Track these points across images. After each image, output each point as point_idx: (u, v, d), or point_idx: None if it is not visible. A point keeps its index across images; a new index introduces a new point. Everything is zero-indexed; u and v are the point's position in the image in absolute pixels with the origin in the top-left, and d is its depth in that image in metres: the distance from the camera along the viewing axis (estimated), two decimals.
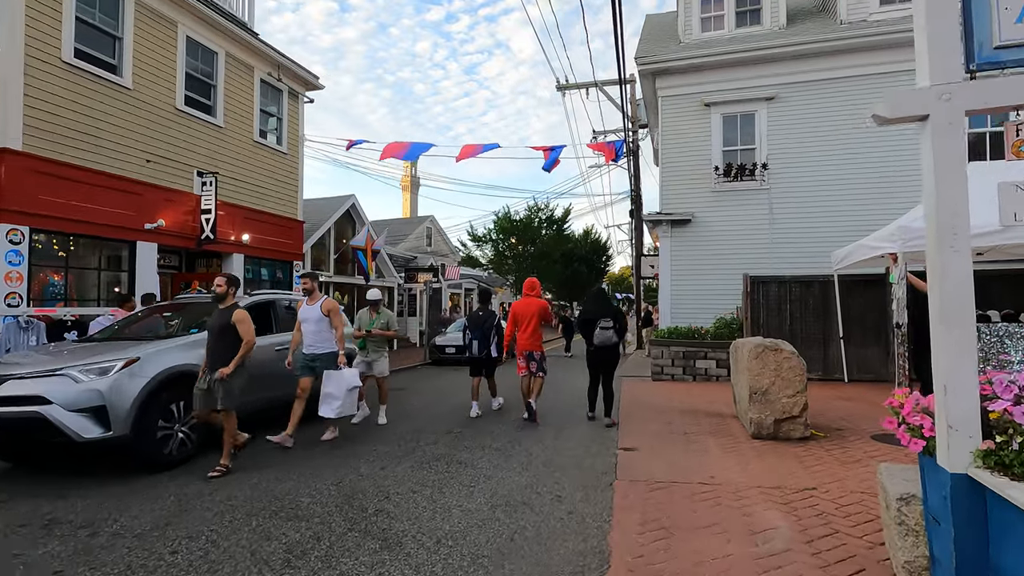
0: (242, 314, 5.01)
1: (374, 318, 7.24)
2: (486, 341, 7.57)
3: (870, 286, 10.03)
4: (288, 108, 12.90)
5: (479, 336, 7.58)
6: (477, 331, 7.61)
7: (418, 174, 66.21)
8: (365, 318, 7.29)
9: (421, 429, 6.69)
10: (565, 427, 6.68)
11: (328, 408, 5.82)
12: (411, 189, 69.63)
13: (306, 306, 6.09)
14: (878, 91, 11.42)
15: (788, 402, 5.49)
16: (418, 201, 68.89)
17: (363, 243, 17.08)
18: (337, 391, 5.80)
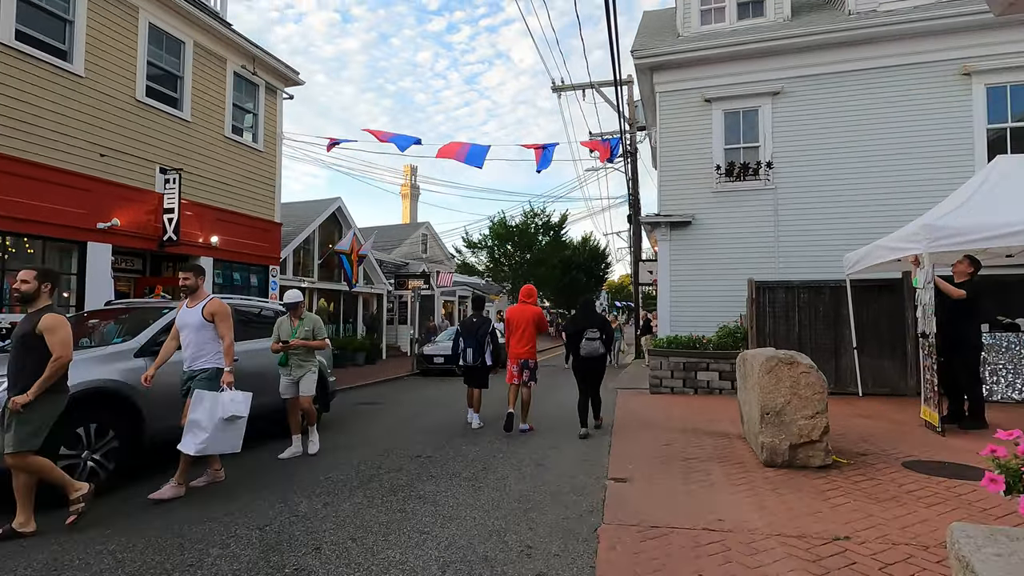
0: (54, 320, 3.67)
1: (296, 326, 6.02)
2: (481, 349, 7.25)
3: (885, 292, 9.27)
4: (265, 104, 12.21)
5: (473, 344, 7.26)
6: (471, 339, 7.29)
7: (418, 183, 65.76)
8: (285, 326, 6.05)
9: (388, 452, 5.90)
10: (551, 449, 5.89)
11: (190, 441, 4.30)
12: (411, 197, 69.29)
13: (185, 309, 4.77)
14: (890, 84, 10.74)
15: (806, 424, 4.70)
16: (418, 209, 68.47)
17: (348, 248, 16.35)
18: (207, 420, 4.32)
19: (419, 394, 11.15)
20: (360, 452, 5.89)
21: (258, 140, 12.03)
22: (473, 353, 7.27)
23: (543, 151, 12.28)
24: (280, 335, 6.02)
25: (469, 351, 7.27)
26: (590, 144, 12.73)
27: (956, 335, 6.26)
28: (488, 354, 7.30)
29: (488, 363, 7.35)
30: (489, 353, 7.31)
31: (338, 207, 17.57)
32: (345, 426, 7.48)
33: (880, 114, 10.79)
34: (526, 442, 6.29)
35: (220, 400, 4.41)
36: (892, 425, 6.69)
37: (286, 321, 6.09)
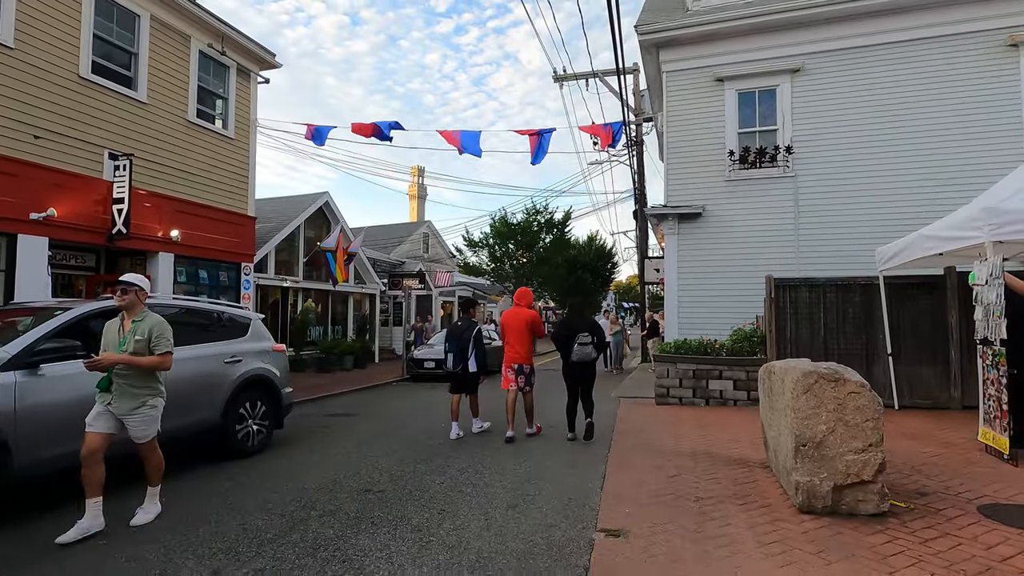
0: None
1: (124, 336, 3.88)
2: (463, 354, 6.80)
3: (925, 290, 8.13)
4: (237, 87, 11.24)
5: (455, 349, 6.84)
6: (454, 343, 6.87)
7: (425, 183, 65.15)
8: (112, 333, 3.96)
9: (334, 483, 4.86)
10: (531, 482, 4.82)
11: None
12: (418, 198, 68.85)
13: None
14: (925, 58, 9.59)
15: (855, 460, 3.61)
16: (425, 209, 67.99)
17: (334, 245, 15.37)
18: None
19: (403, 402, 10.13)
20: (300, 483, 4.86)
21: (228, 126, 11.07)
22: (454, 359, 6.84)
23: (539, 139, 11.22)
24: (106, 345, 3.91)
25: (451, 356, 6.87)
26: (590, 129, 11.67)
27: None
28: (472, 360, 6.77)
29: (471, 369, 6.82)
30: (473, 359, 6.78)
31: (325, 202, 16.59)
32: (299, 445, 6.46)
33: (913, 92, 9.63)
34: (504, 470, 5.23)
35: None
36: (945, 449, 5.58)
37: (114, 325, 4.00)
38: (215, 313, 6.00)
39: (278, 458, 5.81)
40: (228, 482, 4.92)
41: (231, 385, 5.74)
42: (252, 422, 6.02)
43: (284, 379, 6.60)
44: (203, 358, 5.46)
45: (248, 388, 6.01)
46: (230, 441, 5.71)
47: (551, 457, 5.72)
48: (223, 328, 5.97)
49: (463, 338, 6.85)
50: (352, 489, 4.67)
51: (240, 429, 5.86)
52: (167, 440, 4.96)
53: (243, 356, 5.99)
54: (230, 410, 5.71)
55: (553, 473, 5.08)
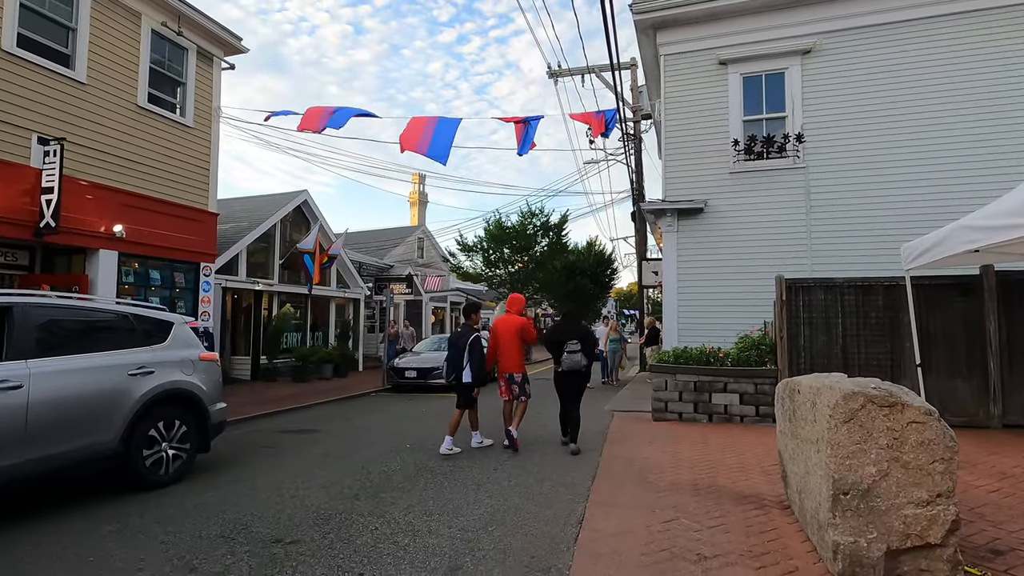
0: None
1: None
2: (457, 363, 6.29)
3: (958, 292, 7.15)
4: (196, 72, 10.33)
5: (450, 357, 6.41)
6: (451, 351, 6.43)
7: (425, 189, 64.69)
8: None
9: (243, 527, 3.87)
10: (487, 525, 3.82)
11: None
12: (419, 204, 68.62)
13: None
14: (953, 35, 8.66)
15: (918, 515, 2.62)
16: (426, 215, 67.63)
17: (311, 246, 14.42)
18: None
19: (375, 416, 9.13)
20: (202, 528, 3.87)
21: (187, 114, 10.14)
22: (447, 368, 6.54)
23: (525, 127, 10.29)
24: None
25: (445, 365, 6.64)
26: (581, 117, 10.73)
27: None
28: (467, 370, 6.24)
29: (464, 380, 6.25)
30: (468, 369, 6.24)
31: (304, 200, 15.65)
32: (229, 472, 5.47)
33: (940, 73, 8.69)
34: (459, 510, 4.23)
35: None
36: (1001, 482, 4.57)
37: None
38: (119, 315, 5.02)
39: (193, 490, 4.81)
40: (111, 526, 3.92)
41: (137, 402, 4.75)
42: (167, 446, 5.03)
43: (213, 394, 5.61)
44: (94, 370, 4.48)
45: (162, 405, 5.03)
46: (134, 470, 4.72)
47: (522, 490, 4.72)
48: (130, 334, 5.00)
49: (458, 346, 6.36)
50: (260, 538, 3.67)
51: (149, 455, 4.87)
52: (41, 472, 4.01)
53: (156, 367, 5.01)
54: (135, 432, 4.73)
55: (519, 515, 4.08)
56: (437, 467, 5.59)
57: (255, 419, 8.86)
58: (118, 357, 4.74)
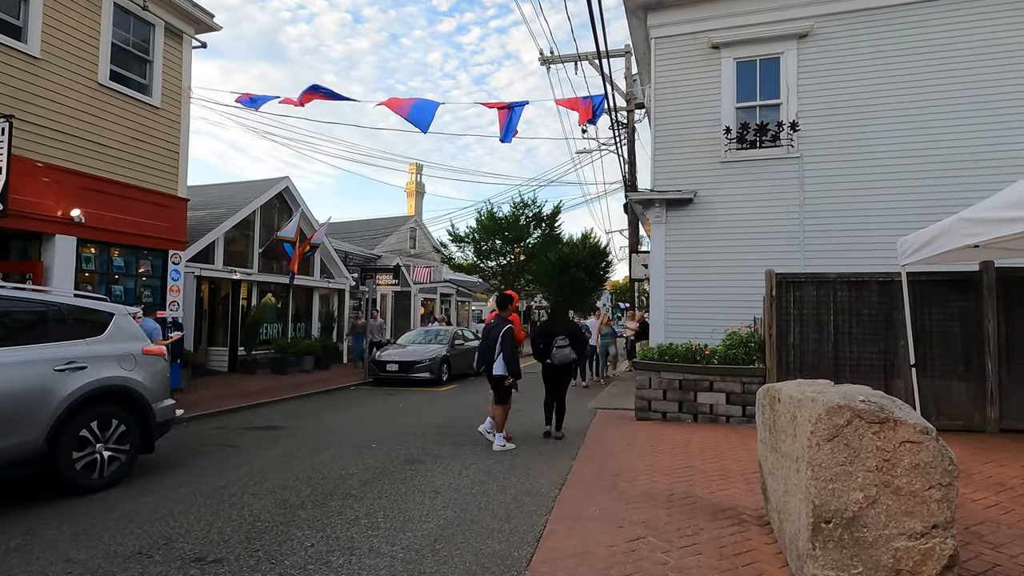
0: None
1: None
2: (489, 355, 6.32)
3: (956, 289, 6.81)
4: (164, 50, 9.83)
5: (482, 348, 6.56)
6: (483, 343, 6.61)
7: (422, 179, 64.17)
8: None
9: (161, 545, 3.49)
10: (437, 542, 3.45)
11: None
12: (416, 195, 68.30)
13: None
14: (955, 20, 8.26)
15: (910, 549, 2.26)
16: (423, 206, 67.29)
17: (293, 234, 13.97)
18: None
19: (348, 412, 8.76)
20: (119, 542, 3.49)
21: (153, 93, 9.65)
22: (479, 359, 6.62)
23: (509, 113, 9.85)
24: None
25: (477, 356, 6.74)
26: (568, 103, 10.28)
27: None
28: (499, 362, 6.19)
29: (495, 373, 6.21)
30: (500, 360, 6.19)
31: (285, 187, 15.19)
32: (175, 474, 5.09)
33: (941, 60, 8.28)
34: (409, 523, 3.86)
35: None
36: (999, 495, 4.23)
37: None
38: (45, 306, 4.61)
39: (128, 496, 4.43)
40: (20, 539, 3.54)
41: (65, 400, 4.36)
42: (102, 447, 4.65)
43: (158, 390, 5.22)
44: (9, 365, 4.08)
45: (96, 403, 4.64)
46: (62, 473, 4.34)
47: (482, 500, 4.35)
48: (60, 326, 4.59)
49: (490, 337, 6.39)
50: (180, 556, 3.30)
51: (81, 457, 4.48)
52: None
53: (89, 361, 4.61)
54: (62, 433, 4.34)
55: (473, 530, 3.71)
56: (398, 471, 5.23)
57: (222, 414, 8.49)
58: (42, 351, 4.34)
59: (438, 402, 9.95)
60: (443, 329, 15.70)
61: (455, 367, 13.47)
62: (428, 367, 12.45)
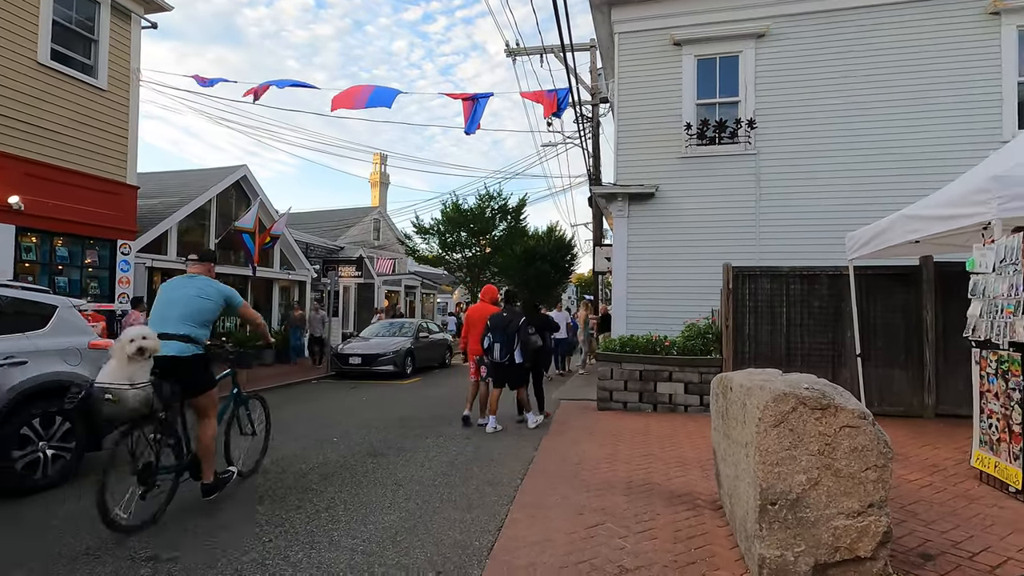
0: None
1: None
2: (510, 345, 6.75)
3: (899, 282, 7.17)
4: (111, 29, 9.37)
5: (502, 340, 6.80)
6: (500, 334, 6.82)
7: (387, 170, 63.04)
8: None
9: (117, 539, 3.38)
10: (398, 534, 3.45)
11: None
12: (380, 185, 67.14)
13: None
14: (903, 24, 8.63)
15: (848, 527, 2.40)
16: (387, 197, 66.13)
17: (251, 225, 13.56)
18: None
19: (308, 407, 8.61)
20: (67, 540, 3.37)
21: (99, 75, 9.19)
22: (501, 350, 6.78)
23: (474, 104, 9.80)
24: None
25: (497, 347, 6.81)
26: (533, 96, 10.31)
27: None
28: (518, 351, 6.74)
29: (517, 361, 6.77)
30: (519, 350, 6.75)
31: (243, 176, 14.73)
32: None
33: (888, 62, 8.66)
34: (371, 516, 3.85)
35: None
36: (933, 476, 4.51)
37: None
38: None
39: (74, 495, 4.25)
40: None
41: (2, 397, 4.15)
42: (45, 445, 4.45)
43: None
44: None
45: (38, 400, 4.43)
46: (1, 473, 4.14)
47: (445, 491, 4.37)
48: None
49: (510, 329, 6.80)
50: (132, 555, 3.20)
51: (22, 456, 4.28)
52: None
53: (29, 356, 4.40)
54: (1, 431, 4.13)
55: (435, 521, 3.73)
56: (360, 464, 5.19)
57: None
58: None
59: (401, 395, 9.89)
60: (407, 321, 15.58)
61: (419, 360, 13.40)
62: (391, 360, 12.34)
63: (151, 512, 3.58)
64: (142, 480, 3.57)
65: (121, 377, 3.39)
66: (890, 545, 2.45)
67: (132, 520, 3.47)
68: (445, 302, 36.43)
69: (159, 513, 3.63)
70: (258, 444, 4.91)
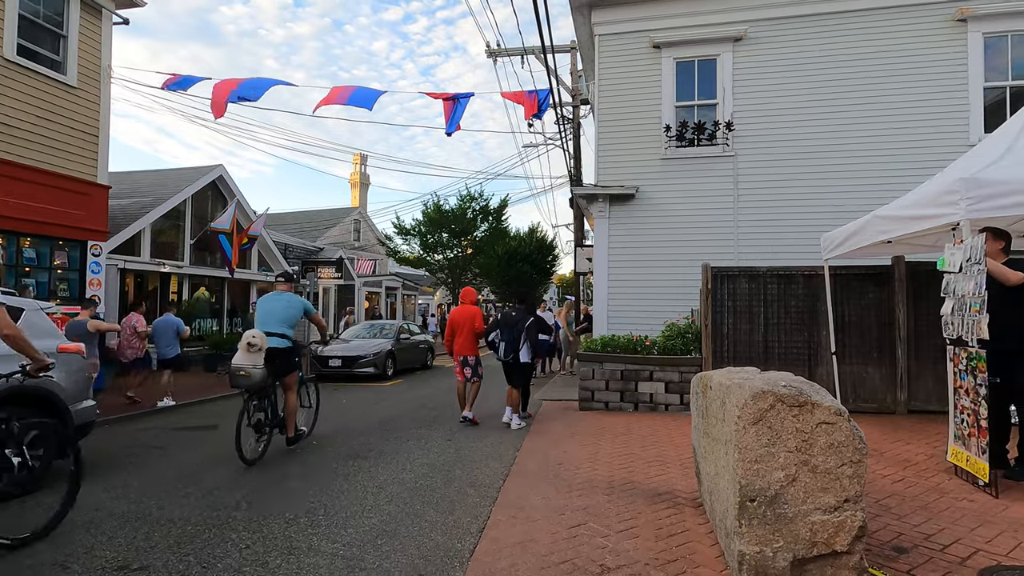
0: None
1: None
2: (515, 344, 6.89)
3: (872, 282, 7.33)
4: (81, 24, 9.12)
5: (508, 339, 6.96)
6: (507, 332, 6.98)
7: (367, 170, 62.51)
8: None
9: (87, 549, 3.28)
10: (379, 537, 3.41)
11: None
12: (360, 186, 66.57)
13: None
14: (874, 30, 8.82)
15: (825, 522, 2.44)
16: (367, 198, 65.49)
17: (228, 226, 13.33)
18: None
19: None
20: (34, 551, 3.26)
21: (69, 72, 8.94)
22: (506, 348, 6.92)
23: (454, 104, 9.76)
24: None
25: (502, 345, 6.96)
26: (513, 96, 10.31)
27: (1014, 341, 4.19)
28: (525, 349, 6.87)
29: (523, 359, 6.90)
30: (526, 348, 6.88)
31: (219, 175, 14.46)
32: (104, 476, 4.77)
33: (861, 67, 8.84)
34: (351, 519, 3.80)
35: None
36: (906, 471, 4.61)
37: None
38: None
39: (42, 504, 4.12)
40: None
41: None
42: (11, 453, 4.29)
43: (77, 390, 4.89)
44: None
45: (3, 406, 4.28)
46: None
47: (426, 493, 4.34)
48: None
49: (517, 328, 6.94)
50: (102, 564, 3.10)
51: None
52: None
53: None
54: None
55: (417, 524, 3.70)
56: (340, 467, 5.13)
57: (150, 415, 8.03)
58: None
59: (383, 397, 9.80)
60: (388, 323, 15.45)
61: (401, 361, 13.30)
62: (372, 362, 12.24)
63: (260, 452, 5.27)
64: (257, 430, 5.32)
65: (248, 361, 5.07)
66: (865, 539, 2.49)
67: (251, 455, 5.08)
68: (427, 303, 36.25)
69: (263, 453, 5.31)
70: (311, 414, 6.37)
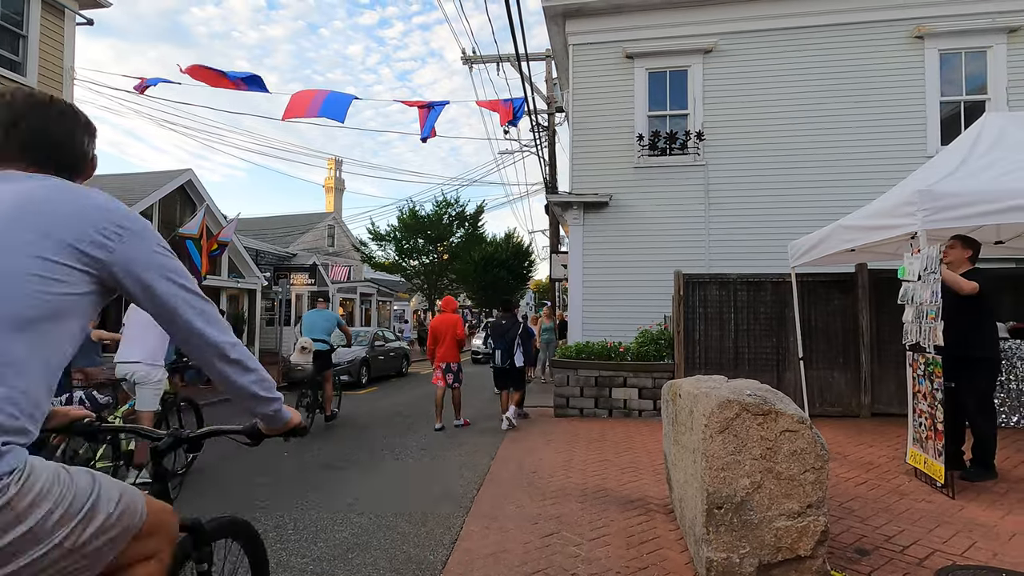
0: None
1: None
2: (510, 351, 7.31)
3: (837, 289, 7.55)
4: (43, 25, 8.85)
5: (502, 346, 7.35)
6: (500, 341, 7.39)
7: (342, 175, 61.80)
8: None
9: None
10: (351, 549, 3.37)
11: None
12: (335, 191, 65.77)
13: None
14: (838, 44, 9.12)
15: (789, 528, 2.49)
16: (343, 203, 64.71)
17: (196, 232, 13.03)
18: None
19: (243, 422, 8.28)
20: None
21: (28, 72, 8.65)
22: (502, 355, 7.32)
23: (428, 111, 9.76)
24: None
25: (498, 353, 7.34)
26: (489, 104, 10.37)
27: (968, 347, 4.36)
28: (518, 355, 7.31)
29: (518, 364, 7.37)
30: (520, 354, 7.33)
31: (188, 180, 14.15)
32: None
33: (826, 79, 9.14)
34: (323, 532, 3.75)
35: None
36: (868, 473, 4.75)
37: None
38: None
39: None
40: None
41: None
42: None
43: None
44: None
45: None
46: None
47: (399, 504, 4.30)
48: None
49: (509, 336, 7.34)
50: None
51: None
52: None
53: None
54: None
55: (389, 535, 3.66)
56: (312, 478, 5.05)
57: None
58: None
59: (356, 406, 9.68)
60: (363, 330, 15.30)
61: (376, 369, 13.18)
62: (346, 370, 12.08)
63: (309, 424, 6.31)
64: (309, 410, 7.13)
65: (302, 360, 7.16)
66: (828, 543, 2.56)
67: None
68: (402, 309, 35.97)
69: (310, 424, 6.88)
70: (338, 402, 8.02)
